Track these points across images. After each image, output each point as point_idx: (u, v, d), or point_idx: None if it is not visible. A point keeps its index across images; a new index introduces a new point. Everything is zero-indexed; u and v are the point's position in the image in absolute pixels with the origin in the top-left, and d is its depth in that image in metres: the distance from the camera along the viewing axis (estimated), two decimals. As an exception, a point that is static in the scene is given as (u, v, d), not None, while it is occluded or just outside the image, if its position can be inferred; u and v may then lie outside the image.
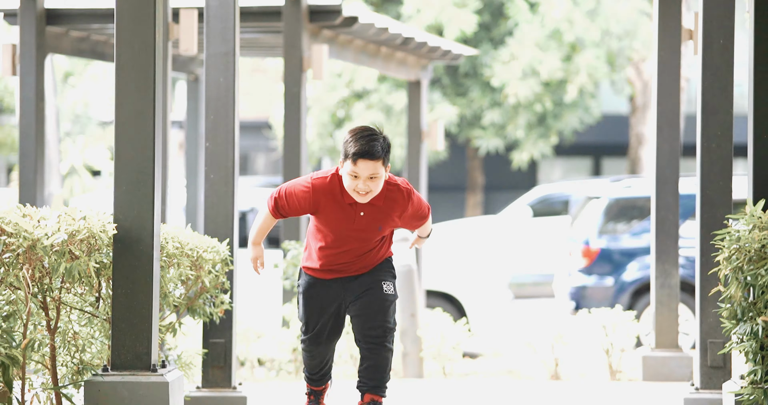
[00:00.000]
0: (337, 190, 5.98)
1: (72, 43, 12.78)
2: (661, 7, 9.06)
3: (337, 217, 6.02)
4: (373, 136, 5.93)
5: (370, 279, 6.15)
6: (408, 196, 6.08)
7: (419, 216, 6.20)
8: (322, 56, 11.24)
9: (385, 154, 5.94)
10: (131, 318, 5.92)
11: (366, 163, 5.86)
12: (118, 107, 5.96)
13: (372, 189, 5.93)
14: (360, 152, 5.86)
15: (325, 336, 6.21)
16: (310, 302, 6.19)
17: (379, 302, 6.11)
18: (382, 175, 5.94)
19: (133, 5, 5.95)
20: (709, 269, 7.00)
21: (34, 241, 5.33)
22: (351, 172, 5.90)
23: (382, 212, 6.04)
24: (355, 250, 6.10)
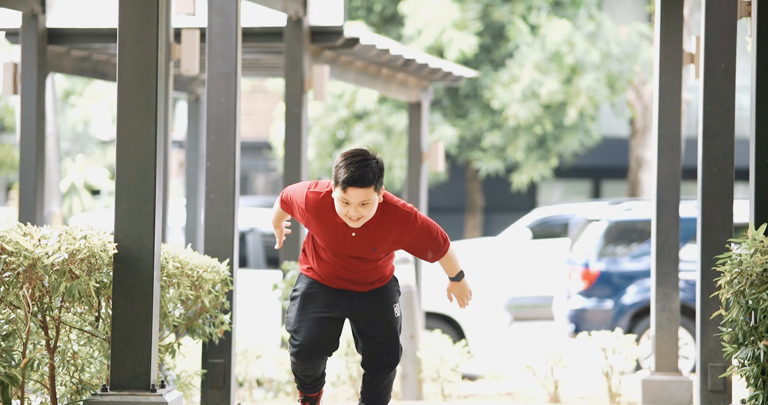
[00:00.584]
0: (329, 208, 5.75)
1: (73, 62, 12.80)
2: (662, 31, 9.07)
3: (328, 234, 5.79)
4: (365, 161, 5.65)
5: (381, 303, 5.91)
6: (410, 220, 5.78)
7: (429, 246, 5.84)
8: (324, 77, 11.25)
9: (377, 180, 5.66)
10: (131, 338, 5.91)
11: (356, 190, 5.61)
12: (120, 126, 5.96)
13: (364, 215, 5.67)
14: (349, 180, 5.60)
15: (319, 347, 5.84)
16: (308, 304, 5.87)
17: (392, 331, 5.89)
18: (375, 200, 5.68)
19: (136, 25, 5.95)
20: (710, 293, 6.99)
21: (35, 260, 5.31)
22: (341, 199, 5.66)
23: (376, 234, 5.77)
24: (353, 267, 5.86)
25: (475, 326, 13.48)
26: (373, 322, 5.88)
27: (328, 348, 5.86)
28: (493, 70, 22.58)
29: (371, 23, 22.48)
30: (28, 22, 11.46)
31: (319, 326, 5.81)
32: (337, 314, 5.87)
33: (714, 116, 7.16)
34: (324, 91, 11.30)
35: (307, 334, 5.80)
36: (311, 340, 5.79)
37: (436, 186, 25.99)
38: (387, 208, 5.76)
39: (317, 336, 5.81)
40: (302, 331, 5.81)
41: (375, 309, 5.89)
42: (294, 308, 5.90)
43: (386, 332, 5.87)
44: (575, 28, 22.06)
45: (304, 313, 5.84)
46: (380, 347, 5.85)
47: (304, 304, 5.86)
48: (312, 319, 5.82)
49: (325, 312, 5.84)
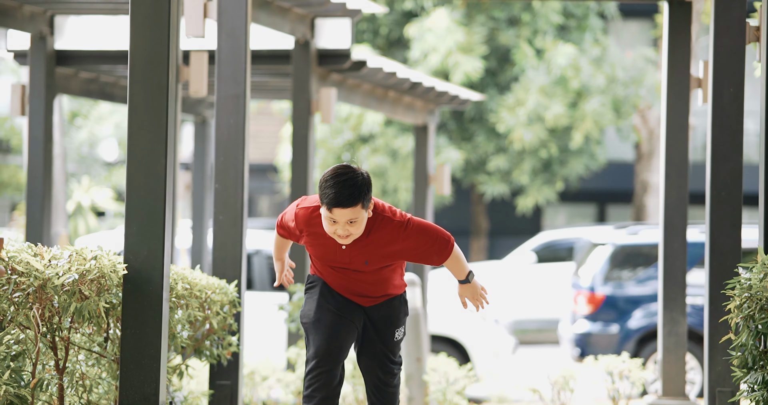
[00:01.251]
0: (318, 220, 5.60)
1: (81, 84, 12.84)
2: (670, 56, 9.09)
3: (321, 248, 5.65)
4: (350, 180, 5.44)
5: (384, 325, 5.79)
6: (402, 229, 5.57)
7: (432, 249, 5.64)
8: (331, 100, 11.28)
9: (364, 197, 5.46)
10: (140, 359, 5.91)
11: (342, 211, 5.44)
12: (131, 148, 5.98)
13: (352, 233, 5.49)
14: (334, 201, 5.42)
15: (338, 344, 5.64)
16: (325, 296, 5.72)
17: (390, 348, 5.81)
18: (363, 217, 5.49)
19: (147, 47, 5.98)
20: (718, 317, 6.99)
21: (45, 281, 5.32)
22: (328, 218, 5.49)
23: (368, 247, 5.59)
24: (353, 279, 5.70)
25: (480, 349, 13.46)
26: (370, 338, 5.78)
27: (345, 347, 5.68)
28: (498, 93, 22.61)
29: (377, 46, 22.54)
30: (36, 44, 11.51)
31: (338, 320, 5.67)
32: (352, 314, 5.72)
33: (722, 141, 7.17)
34: (331, 114, 11.32)
35: (327, 327, 5.65)
36: (331, 332, 5.63)
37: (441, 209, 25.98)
38: (378, 220, 5.59)
39: (336, 330, 5.65)
40: (322, 322, 5.65)
41: (379, 327, 5.79)
42: (311, 300, 5.73)
43: (382, 353, 5.80)
44: (581, 53, 22.10)
45: (322, 305, 5.68)
46: (376, 367, 5.78)
47: (322, 295, 5.70)
48: (331, 311, 5.66)
49: (341, 311, 5.69)
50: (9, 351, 5.37)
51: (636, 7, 28.53)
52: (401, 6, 22.21)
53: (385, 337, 5.80)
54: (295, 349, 10.33)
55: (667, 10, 9.07)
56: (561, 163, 22.94)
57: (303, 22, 11.08)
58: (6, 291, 5.28)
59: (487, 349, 13.54)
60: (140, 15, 5.94)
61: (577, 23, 22.71)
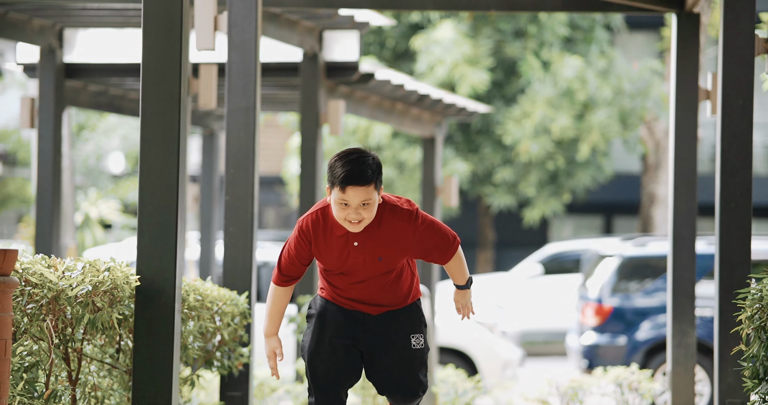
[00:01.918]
0: (325, 223, 5.33)
1: (90, 96, 12.89)
2: (678, 68, 9.12)
3: (332, 254, 5.35)
4: (362, 158, 5.23)
5: (396, 332, 5.42)
6: (412, 218, 5.33)
7: (438, 244, 5.38)
8: (339, 112, 11.31)
9: (377, 177, 5.23)
10: (152, 370, 5.93)
11: (356, 189, 5.16)
12: (143, 160, 6.00)
13: (364, 217, 5.22)
14: (348, 178, 5.16)
15: (335, 375, 5.36)
16: (323, 330, 5.40)
17: (408, 360, 5.40)
18: (375, 200, 5.23)
19: (159, 60, 6.01)
20: (728, 329, 7.00)
21: (59, 292, 5.34)
22: (340, 201, 5.20)
23: (380, 240, 5.31)
24: (366, 286, 5.39)
25: (488, 361, 13.47)
26: (385, 350, 5.42)
27: (348, 376, 5.41)
28: (505, 105, 22.65)
29: (383, 59, 22.58)
30: (45, 57, 11.56)
31: (335, 353, 5.39)
32: (351, 341, 5.41)
33: (732, 152, 7.18)
34: (339, 126, 11.35)
35: (323, 361, 5.40)
36: (328, 367, 5.38)
37: (449, 221, 26.00)
38: (386, 208, 5.34)
39: (335, 362, 5.39)
40: (318, 357, 5.40)
41: (388, 337, 5.42)
42: (309, 331, 5.49)
43: (401, 363, 5.39)
44: (587, 65, 22.13)
45: (320, 338, 5.40)
46: (395, 382, 5.39)
47: (319, 328, 5.43)
48: (329, 344, 5.39)
49: (339, 337, 5.40)
50: (22, 362, 5.39)
51: (642, 20, 28.57)
52: (407, 18, 22.26)
53: (400, 344, 5.42)
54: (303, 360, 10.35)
55: (676, 22, 9.09)
56: (568, 175, 22.95)
57: (311, 34, 11.12)
58: (20, 303, 5.31)
59: (494, 360, 13.54)
60: (153, 28, 5.98)
61: (584, 35, 22.74)
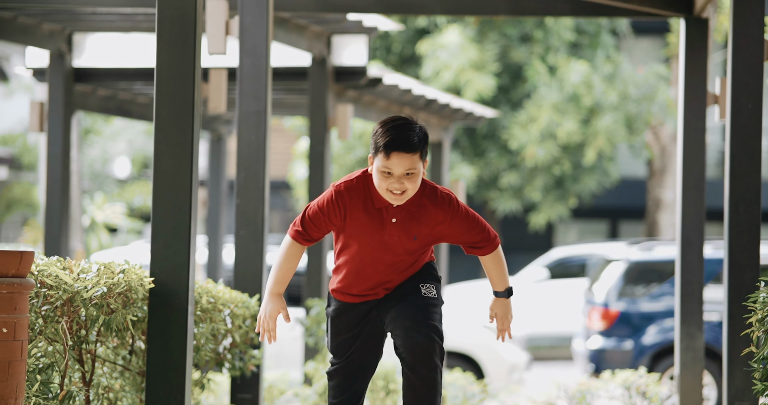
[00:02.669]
0: (364, 193, 5.10)
1: (99, 101, 12.94)
2: (686, 72, 9.15)
3: (365, 226, 5.10)
4: (409, 125, 5.02)
5: (407, 285, 5.21)
6: (451, 204, 5.11)
7: (474, 230, 5.14)
8: (347, 116, 11.35)
9: (423, 146, 5.02)
10: (165, 372, 5.96)
11: (401, 156, 4.95)
12: (157, 164, 6.04)
13: (408, 188, 5.00)
14: (393, 143, 4.95)
15: (359, 365, 5.24)
16: (340, 329, 5.26)
17: (421, 305, 5.13)
18: (420, 171, 5.02)
19: (173, 65, 6.05)
20: (737, 332, 7.03)
21: (74, 294, 5.38)
22: (383, 168, 4.98)
23: (418, 219, 5.10)
24: (387, 269, 5.19)
25: (494, 365, 13.50)
26: (398, 302, 5.17)
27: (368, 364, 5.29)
28: (511, 110, 22.68)
29: (389, 63, 22.62)
30: (55, 62, 11.62)
31: (354, 350, 5.24)
32: (370, 326, 5.23)
33: (740, 157, 7.21)
34: (347, 130, 11.40)
35: (343, 355, 5.26)
36: (348, 361, 5.23)
37: (453, 226, 25.97)
38: (427, 189, 5.13)
39: (352, 358, 5.24)
40: (339, 351, 5.26)
41: (399, 291, 5.22)
42: (328, 331, 5.37)
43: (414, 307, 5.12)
44: (593, 70, 22.16)
45: (336, 337, 5.28)
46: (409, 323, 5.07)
47: (335, 328, 5.29)
48: (347, 341, 5.25)
49: (357, 333, 5.24)
50: (37, 363, 5.44)
51: (648, 25, 28.60)
52: (414, 23, 22.30)
53: (410, 293, 5.19)
54: (312, 363, 10.38)
55: (684, 27, 9.13)
56: (573, 180, 22.98)
57: (320, 39, 11.16)
58: (35, 304, 5.35)
59: (500, 364, 13.57)
60: (166, 33, 6.02)
61: (590, 40, 22.78)
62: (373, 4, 9.66)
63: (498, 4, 9.44)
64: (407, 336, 5.05)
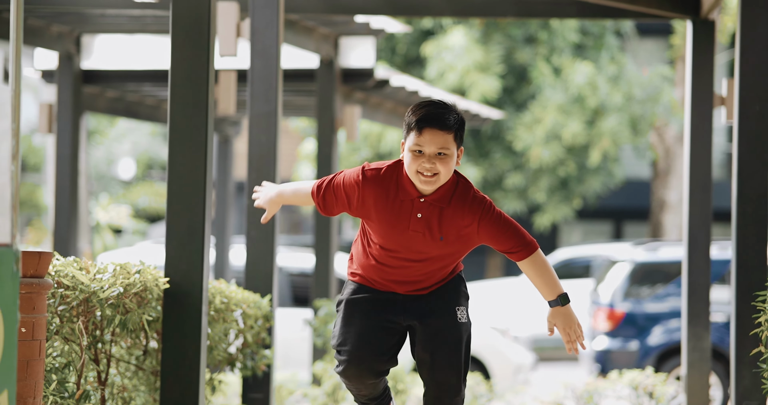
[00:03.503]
0: (392, 183, 4.77)
1: (107, 102, 13.00)
2: (693, 74, 9.20)
3: (388, 218, 4.78)
4: (445, 104, 4.74)
5: (440, 302, 4.88)
6: (482, 206, 4.77)
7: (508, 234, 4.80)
8: (355, 117, 11.41)
9: (458, 128, 4.71)
10: (179, 371, 6.01)
11: (434, 133, 4.65)
12: (171, 165, 6.09)
13: (440, 171, 4.68)
14: (426, 118, 4.66)
15: (367, 364, 4.82)
16: (354, 312, 4.89)
17: (454, 338, 4.85)
18: (453, 155, 4.70)
19: (188, 67, 6.10)
20: (745, 332, 7.07)
21: (90, 294, 5.44)
22: (414, 146, 4.68)
23: (446, 218, 4.77)
24: (413, 268, 4.86)
25: (500, 366, 13.54)
26: (430, 329, 4.87)
27: (380, 363, 4.88)
28: (515, 111, 22.73)
29: (394, 64, 22.66)
30: (64, 63, 11.68)
31: (365, 338, 4.85)
32: (388, 322, 4.88)
33: (748, 158, 7.25)
34: (355, 131, 11.46)
35: (352, 348, 4.86)
36: (357, 354, 4.84)
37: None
38: (460, 186, 4.81)
39: (364, 349, 4.84)
40: (348, 344, 4.87)
41: (432, 308, 4.88)
42: (338, 320, 4.96)
43: (447, 341, 4.85)
44: (598, 71, 22.21)
45: (349, 324, 4.88)
46: (439, 363, 4.84)
47: (349, 314, 4.90)
48: (357, 330, 4.86)
49: (373, 320, 4.88)
50: (53, 363, 5.49)
51: (651, 26, 28.65)
52: (419, 25, 22.34)
53: (445, 318, 4.88)
54: (321, 364, 10.44)
55: (691, 29, 9.18)
56: (578, 181, 23.02)
57: (327, 41, 11.22)
58: (51, 304, 5.40)
59: (506, 365, 13.62)
60: (181, 36, 6.07)
61: (594, 42, 22.82)
62: (381, 6, 9.72)
63: (505, 6, 9.49)
64: (434, 377, 4.87)
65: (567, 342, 4.87)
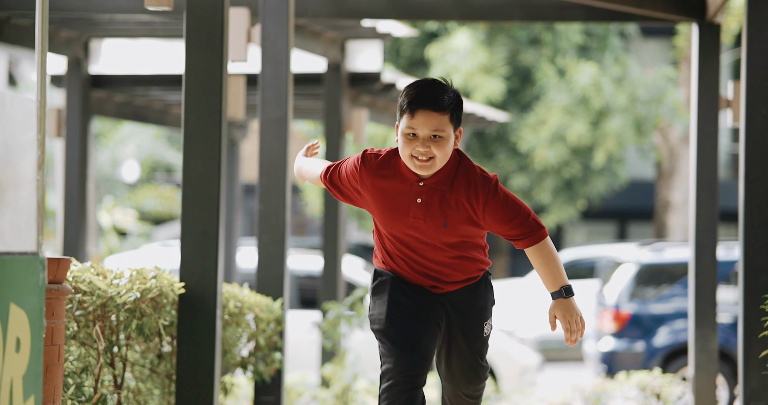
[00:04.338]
0: (392, 168, 4.54)
1: (115, 106, 13.07)
2: (700, 77, 9.26)
3: (387, 206, 4.54)
4: (439, 84, 4.45)
5: (472, 318, 4.68)
6: (487, 186, 4.48)
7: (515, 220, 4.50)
8: (362, 121, 11.47)
9: (454, 107, 4.43)
10: (195, 375, 6.08)
11: (427, 115, 4.37)
12: (186, 170, 6.15)
13: (435, 154, 4.40)
14: (419, 99, 4.38)
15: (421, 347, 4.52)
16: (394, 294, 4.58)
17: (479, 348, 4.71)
18: (449, 137, 4.42)
19: (202, 73, 6.16)
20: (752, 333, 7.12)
21: (107, 299, 5.50)
22: (407, 129, 4.40)
23: (448, 202, 4.49)
24: (425, 258, 4.60)
25: (506, 367, 13.59)
26: (454, 337, 4.69)
27: (429, 357, 4.58)
28: (520, 113, 22.78)
29: (399, 66, 22.72)
30: (72, 68, 11.75)
31: (418, 324, 4.56)
32: (428, 311, 4.62)
33: (755, 161, 7.29)
34: (362, 135, 11.52)
35: (406, 334, 4.53)
36: (412, 342, 4.52)
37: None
38: (463, 167, 4.53)
39: (418, 338, 4.54)
40: (398, 328, 4.54)
41: (463, 322, 4.69)
42: (381, 301, 4.62)
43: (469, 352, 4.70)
44: (602, 71, 22.26)
45: (395, 305, 4.57)
46: (462, 377, 4.71)
47: (394, 292, 4.60)
48: (409, 313, 4.57)
49: (420, 312, 4.59)
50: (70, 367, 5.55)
51: (655, 27, 28.70)
52: (423, 27, 22.39)
53: (472, 333, 4.71)
54: (330, 366, 10.50)
55: (697, 32, 9.23)
56: (583, 182, 23.07)
57: (334, 45, 11.28)
58: (69, 309, 5.47)
59: (512, 366, 13.67)
60: (195, 43, 6.13)
61: (598, 43, 22.87)
62: (389, 10, 9.78)
63: (512, 10, 9.55)
64: (457, 395, 4.77)
65: (566, 330, 4.64)
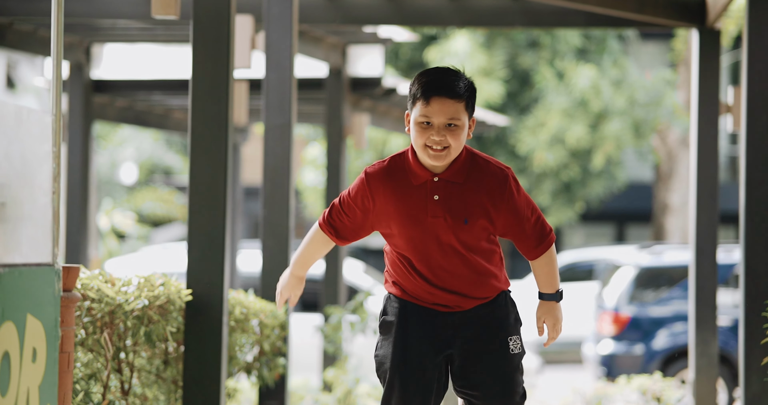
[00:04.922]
0: (399, 171, 4.32)
1: (117, 111, 13.11)
2: (700, 82, 9.31)
3: (404, 210, 4.30)
4: (453, 71, 4.30)
5: (492, 335, 4.39)
6: (506, 180, 4.30)
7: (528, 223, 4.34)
8: (363, 125, 11.53)
9: (469, 95, 4.26)
10: (202, 381, 6.12)
11: (443, 102, 4.21)
12: (193, 176, 6.20)
13: (451, 144, 4.23)
14: (434, 86, 4.23)
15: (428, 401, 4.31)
16: (405, 340, 4.35)
17: (508, 369, 4.38)
18: (465, 125, 4.24)
19: (208, 80, 6.20)
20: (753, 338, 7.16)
21: (115, 306, 5.55)
22: (421, 117, 4.23)
23: (466, 197, 4.29)
24: (444, 267, 4.33)
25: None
26: (477, 359, 4.38)
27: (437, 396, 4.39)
28: (519, 115, 22.83)
29: (398, 70, 22.77)
30: (74, 73, 11.80)
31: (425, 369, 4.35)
32: (437, 350, 4.37)
33: (756, 166, 7.33)
34: (363, 139, 11.58)
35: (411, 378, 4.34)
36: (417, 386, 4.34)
37: (461, 230, 26.10)
38: (477, 160, 4.36)
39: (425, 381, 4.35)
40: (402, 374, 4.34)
41: (482, 337, 4.39)
42: (387, 343, 4.41)
43: (498, 374, 4.38)
44: (601, 74, 22.31)
45: (404, 351, 4.35)
46: (488, 395, 4.36)
47: (401, 338, 4.36)
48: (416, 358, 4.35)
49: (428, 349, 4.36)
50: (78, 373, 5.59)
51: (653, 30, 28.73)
52: (422, 30, 22.44)
53: (497, 350, 4.39)
54: (332, 370, 10.54)
55: (698, 38, 9.29)
56: (581, 185, 23.11)
57: (336, 50, 11.33)
58: (78, 317, 5.51)
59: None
60: (201, 51, 6.18)
61: (597, 46, 22.92)
62: (390, 16, 9.83)
63: (514, 16, 9.60)
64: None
65: (551, 338, 4.51)
